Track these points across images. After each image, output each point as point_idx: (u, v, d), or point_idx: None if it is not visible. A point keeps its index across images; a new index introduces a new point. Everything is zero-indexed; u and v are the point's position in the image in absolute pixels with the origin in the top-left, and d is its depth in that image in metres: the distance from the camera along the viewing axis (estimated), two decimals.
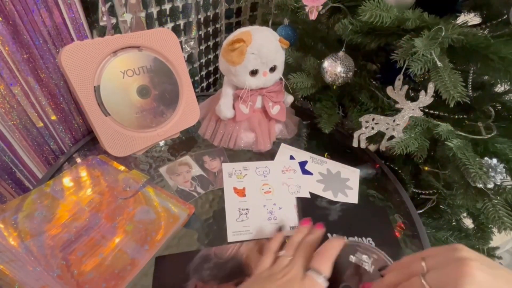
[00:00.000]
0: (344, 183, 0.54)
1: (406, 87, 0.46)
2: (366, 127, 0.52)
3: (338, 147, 0.64)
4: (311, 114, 0.70)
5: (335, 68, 0.53)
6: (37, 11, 0.43)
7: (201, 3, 0.73)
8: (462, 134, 0.45)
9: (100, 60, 0.46)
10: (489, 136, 0.46)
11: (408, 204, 0.52)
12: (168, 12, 0.66)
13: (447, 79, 0.40)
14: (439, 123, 0.47)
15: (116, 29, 0.58)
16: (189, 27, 0.74)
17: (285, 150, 0.60)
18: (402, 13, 0.42)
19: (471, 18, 0.51)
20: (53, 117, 0.52)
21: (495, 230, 0.62)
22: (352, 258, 0.34)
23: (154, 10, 0.63)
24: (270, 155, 0.58)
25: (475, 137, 0.45)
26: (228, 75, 0.55)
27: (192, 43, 0.77)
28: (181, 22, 0.71)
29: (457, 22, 0.48)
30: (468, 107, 0.52)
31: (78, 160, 0.53)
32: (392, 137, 0.50)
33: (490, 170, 0.40)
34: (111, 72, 0.47)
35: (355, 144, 0.54)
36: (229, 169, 0.53)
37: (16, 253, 0.35)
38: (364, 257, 0.34)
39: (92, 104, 0.46)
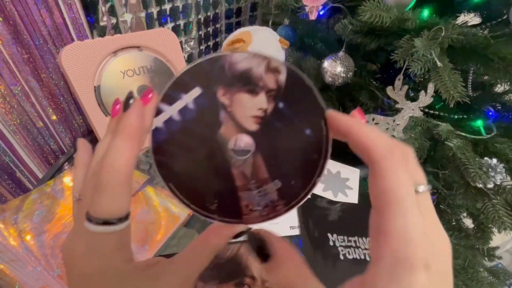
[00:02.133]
0: (344, 183, 0.54)
1: (406, 87, 0.46)
2: None
3: (338, 147, 0.64)
4: None
5: (335, 68, 0.53)
6: (37, 11, 0.43)
7: (201, 3, 0.73)
8: (462, 134, 0.45)
9: (100, 60, 0.46)
10: (489, 136, 0.46)
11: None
12: (168, 12, 0.66)
13: (447, 79, 0.40)
14: (439, 123, 0.47)
15: (116, 29, 0.58)
16: (189, 27, 0.74)
17: None
18: (402, 13, 0.42)
19: (471, 18, 0.51)
20: (54, 117, 0.52)
21: (495, 230, 0.62)
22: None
23: (154, 10, 0.63)
24: None
25: (475, 137, 0.45)
26: None
27: (192, 43, 0.77)
28: (181, 22, 0.71)
29: (457, 22, 0.48)
30: (468, 107, 0.52)
31: None
32: (392, 137, 0.50)
33: (490, 170, 0.40)
34: (111, 72, 0.47)
35: None
36: None
37: (16, 253, 0.35)
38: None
39: (92, 104, 0.46)
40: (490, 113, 0.50)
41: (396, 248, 0.13)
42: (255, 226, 0.21)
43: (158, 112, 0.19)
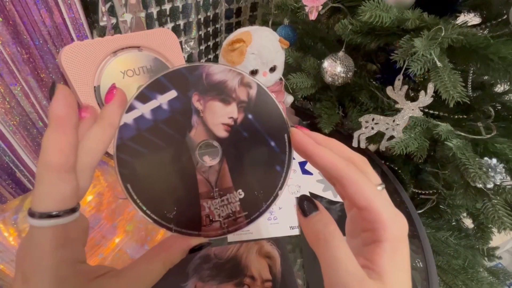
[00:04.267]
0: None
1: (406, 87, 0.46)
2: (366, 127, 0.52)
3: None
4: (311, 114, 0.70)
5: (335, 68, 0.53)
6: (37, 11, 0.43)
7: (201, 3, 0.73)
8: (462, 134, 0.45)
9: (100, 60, 0.46)
10: (489, 136, 0.46)
11: (408, 204, 0.52)
12: (168, 12, 0.66)
13: (447, 79, 0.40)
14: (439, 123, 0.47)
15: (116, 29, 0.58)
16: (189, 27, 0.74)
17: None
18: (402, 13, 0.42)
19: (471, 18, 0.51)
20: None
21: (495, 230, 0.62)
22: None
23: (154, 10, 0.63)
24: None
25: (475, 137, 0.45)
26: None
27: (192, 43, 0.77)
28: (181, 22, 0.71)
29: (457, 22, 0.48)
30: (468, 107, 0.52)
31: None
32: (392, 137, 0.50)
33: (489, 170, 0.40)
34: (111, 72, 0.47)
35: (355, 144, 0.54)
36: None
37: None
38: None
39: (92, 104, 0.46)
40: (490, 113, 0.50)
41: (391, 230, 0.17)
42: (213, 239, 0.20)
43: (130, 108, 0.19)
